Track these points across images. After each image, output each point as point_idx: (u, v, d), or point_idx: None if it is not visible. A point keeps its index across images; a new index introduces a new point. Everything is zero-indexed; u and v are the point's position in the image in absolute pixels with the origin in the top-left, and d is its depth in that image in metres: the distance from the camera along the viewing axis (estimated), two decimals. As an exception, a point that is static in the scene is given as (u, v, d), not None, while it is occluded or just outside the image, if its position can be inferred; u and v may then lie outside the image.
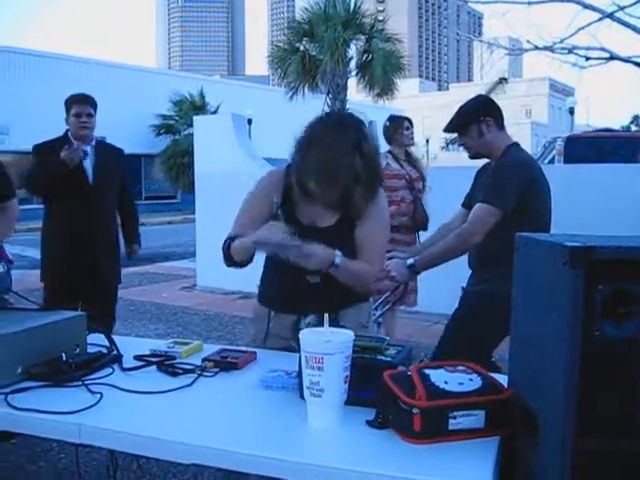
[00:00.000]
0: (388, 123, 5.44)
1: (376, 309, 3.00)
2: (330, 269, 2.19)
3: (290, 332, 2.37)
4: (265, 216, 2.38)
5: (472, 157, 3.33)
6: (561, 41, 14.03)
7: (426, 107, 71.27)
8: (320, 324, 2.31)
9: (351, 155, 2.21)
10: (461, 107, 3.38)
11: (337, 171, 2.20)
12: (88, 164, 4.40)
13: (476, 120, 3.20)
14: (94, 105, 4.47)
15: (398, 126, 5.33)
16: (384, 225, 2.48)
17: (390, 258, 3.20)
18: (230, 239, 2.35)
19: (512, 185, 3.06)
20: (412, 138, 5.39)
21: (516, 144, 3.29)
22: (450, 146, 62.14)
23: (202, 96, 28.14)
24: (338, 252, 2.20)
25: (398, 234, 5.09)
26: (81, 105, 4.40)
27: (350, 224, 2.37)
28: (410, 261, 3.16)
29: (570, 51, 14.12)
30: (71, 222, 4.37)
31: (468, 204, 3.38)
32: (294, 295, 2.38)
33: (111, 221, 4.62)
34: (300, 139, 2.32)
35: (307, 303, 2.35)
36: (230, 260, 2.36)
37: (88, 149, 4.41)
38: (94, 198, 4.37)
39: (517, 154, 3.24)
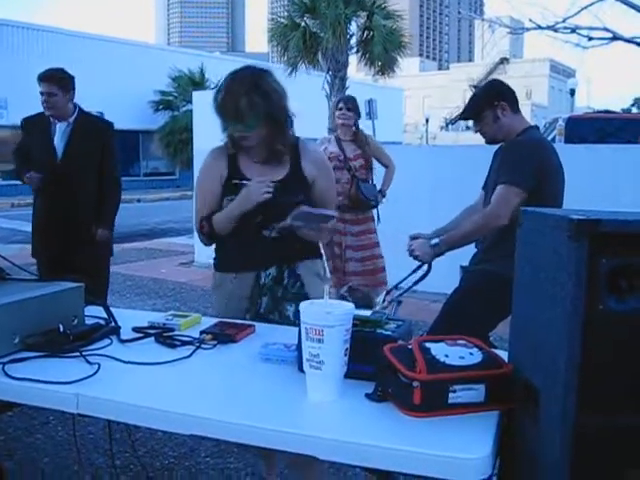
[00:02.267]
0: (335, 102, 5.74)
1: (396, 287, 3.02)
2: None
3: (251, 289, 2.52)
4: (219, 184, 2.55)
5: (489, 142, 3.31)
6: (564, 20, 13.95)
7: (426, 87, 71.08)
8: (280, 276, 2.51)
9: (249, 95, 2.37)
10: (474, 93, 3.36)
11: (240, 112, 2.38)
12: (59, 140, 4.34)
13: (490, 106, 3.18)
14: (61, 82, 4.38)
15: (335, 107, 5.57)
16: (331, 176, 2.71)
17: (414, 238, 3.21)
18: (206, 218, 2.52)
19: (530, 163, 3.03)
20: (346, 118, 5.48)
21: (533, 127, 3.27)
22: (449, 126, 62.06)
23: (202, 72, 27.96)
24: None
25: (349, 214, 5.36)
26: (43, 84, 4.35)
27: (300, 177, 2.54)
28: (434, 240, 3.17)
29: (573, 31, 14.04)
30: (46, 199, 4.36)
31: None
32: (253, 252, 2.50)
33: (90, 198, 4.46)
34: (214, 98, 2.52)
35: (266, 258, 2.50)
36: (209, 237, 2.55)
37: (64, 125, 4.37)
38: (63, 175, 4.30)
39: (532, 135, 3.22)
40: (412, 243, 3.15)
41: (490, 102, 3.19)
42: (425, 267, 3.19)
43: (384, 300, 2.74)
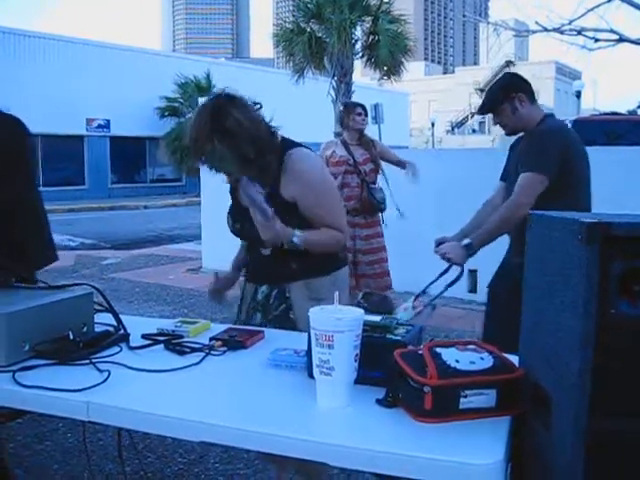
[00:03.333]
0: (342, 109, 5.76)
1: (424, 292, 3.00)
2: (289, 245, 2.30)
3: (252, 300, 2.56)
4: None
5: (509, 134, 3.33)
6: (569, 22, 13.91)
7: (432, 90, 71.04)
8: (270, 294, 2.49)
9: (210, 141, 2.25)
10: (490, 87, 3.37)
11: (207, 158, 2.31)
12: None
13: (508, 98, 3.19)
14: None
15: (350, 112, 5.57)
16: (315, 190, 2.41)
17: (440, 242, 3.21)
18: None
19: (552, 150, 3.04)
20: (363, 123, 5.58)
21: (551, 115, 3.27)
22: (455, 129, 62.02)
23: (208, 78, 28.04)
24: (297, 232, 2.30)
25: (358, 218, 5.41)
26: None
27: (282, 202, 2.38)
28: (466, 241, 3.16)
29: (579, 33, 14.00)
30: None
31: (506, 177, 3.37)
32: (253, 265, 2.57)
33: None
34: None
35: (261, 274, 2.52)
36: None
37: None
38: None
39: (553, 122, 3.23)
40: (442, 247, 3.15)
41: (507, 94, 3.20)
42: (454, 269, 3.16)
43: (414, 307, 2.69)
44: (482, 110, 3.34)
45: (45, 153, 25.20)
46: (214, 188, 8.82)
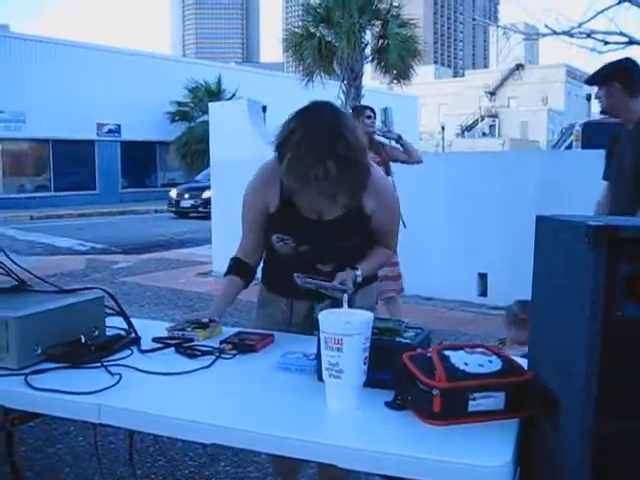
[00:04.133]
0: (351, 112, 5.79)
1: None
2: (358, 280, 2.27)
3: (304, 319, 2.43)
4: (264, 215, 2.37)
5: (603, 112, 3.31)
6: (579, 25, 13.88)
7: (441, 94, 70.97)
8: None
9: (322, 165, 2.05)
10: (612, 62, 3.34)
11: (308, 180, 2.08)
12: None
13: (623, 79, 3.15)
14: None
15: (360, 115, 5.55)
16: (393, 207, 2.44)
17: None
18: (233, 261, 2.53)
19: None
20: (372, 126, 5.60)
21: None
22: (466, 133, 61.96)
23: (219, 83, 28.14)
24: (358, 272, 2.26)
25: None
26: None
27: (359, 212, 2.31)
28: None
29: (588, 35, 13.97)
30: None
31: (609, 176, 3.35)
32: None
33: None
34: (278, 136, 2.17)
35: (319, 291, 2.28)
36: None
37: None
38: None
39: None
40: None
41: (626, 75, 3.16)
42: None
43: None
44: (593, 79, 3.29)
45: (56, 158, 25.34)
46: (224, 192, 8.88)
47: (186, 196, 20.60)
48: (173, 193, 21.22)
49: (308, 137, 2.07)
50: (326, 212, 2.30)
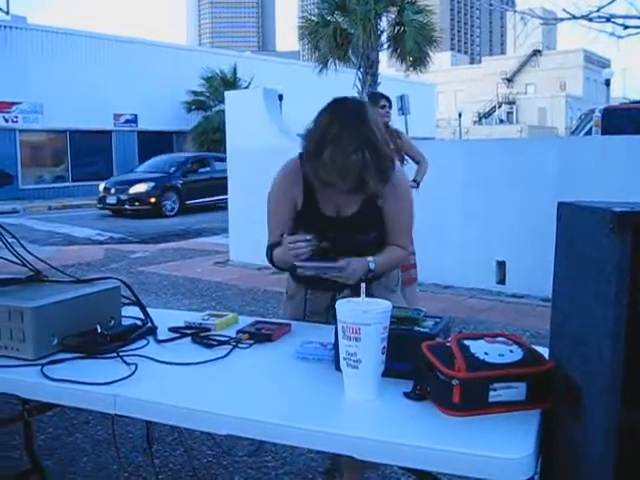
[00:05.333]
0: (367, 99, 5.64)
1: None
2: (367, 274, 2.24)
3: (326, 308, 2.44)
4: (292, 215, 2.43)
5: None
6: (598, 10, 13.69)
7: (458, 81, 70.51)
8: (354, 296, 2.35)
9: (360, 152, 2.16)
10: None
11: (348, 169, 2.17)
12: None
13: None
14: None
15: (374, 104, 5.45)
16: (408, 204, 2.47)
17: None
18: (270, 248, 2.42)
19: None
20: (387, 116, 5.52)
21: None
22: (483, 120, 61.57)
23: (234, 72, 28.12)
24: (370, 258, 2.28)
25: None
26: None
27: (374, 207, 2.38)
28: None
29: (608, 20, 13.77)
30: None
31: None
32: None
33: None
34: (309, 131, 2.30)
35: (340, 282, 2.32)
36: (279, 268, 2.44)
37: None
38: None
39: None
40: None
41: None
42: None
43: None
44: None
45: (74, 149, 25.44)
46: (241, 181, 8.88)
47: (112, 191, 17.79)
48: (101, 187, 18.41)
49: (346, 128, 2.19)
50: (344, 208, 2.38)
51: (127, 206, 17.37)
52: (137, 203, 17.36)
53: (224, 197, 18.51)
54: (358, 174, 2.18)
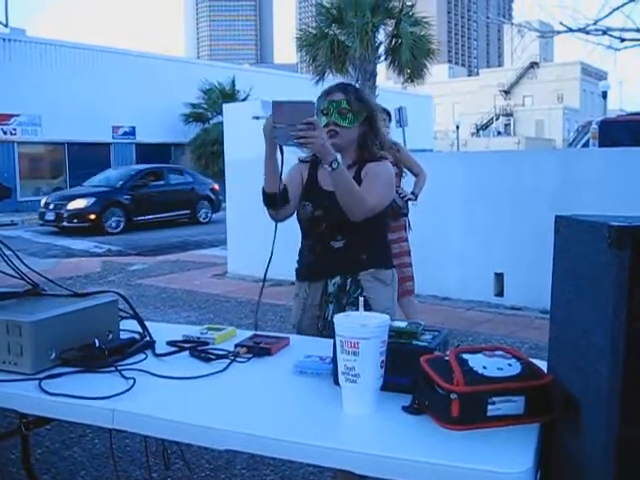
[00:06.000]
0: None
1: None
2: (332, 164, 2.35)
3: (320, 297, 2.65)
4: (298, 187, 2.70)
5: None
6: (595, 22, 13.77)
7: (456, 93, 70.73)
8: (344, 284, 2.60)
9: (355, 96, 2.66)
10: None
11: (346, 107, 2.61)
12: None
13: None
14: None
15: None
16: (384, 175, 2.66)
17: None
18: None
19: None
20: (387, 127, 5.57)
21: None
22: (480, 132, 61.70)
23: (233, 84, 28.19)
24: (339, 156, 2.45)
25: None
26: None
27: (360, 182, 2.61)
28: None
29: (604, 32, 13.84)
30: None
31: None
32: (321, 261, 2.65)
33: None
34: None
35: (332, 267, 2.63)
36: (269, 200, 2.55)
37: None
38: None
39: None
40: None
41: None
42: None
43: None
44: None
45: (72, 161, 25.46)
46: (239, 193, 8.88)
47: (51, 207, 16.63)
48: (42, 201, 17.35)
49: (336, 85, 2.73)
50: None
51: (65, 223, 16.17)
52: (75, 220, 16.12)
53: (182, 212, 18.35)
54: (355, 114, 2.62)
